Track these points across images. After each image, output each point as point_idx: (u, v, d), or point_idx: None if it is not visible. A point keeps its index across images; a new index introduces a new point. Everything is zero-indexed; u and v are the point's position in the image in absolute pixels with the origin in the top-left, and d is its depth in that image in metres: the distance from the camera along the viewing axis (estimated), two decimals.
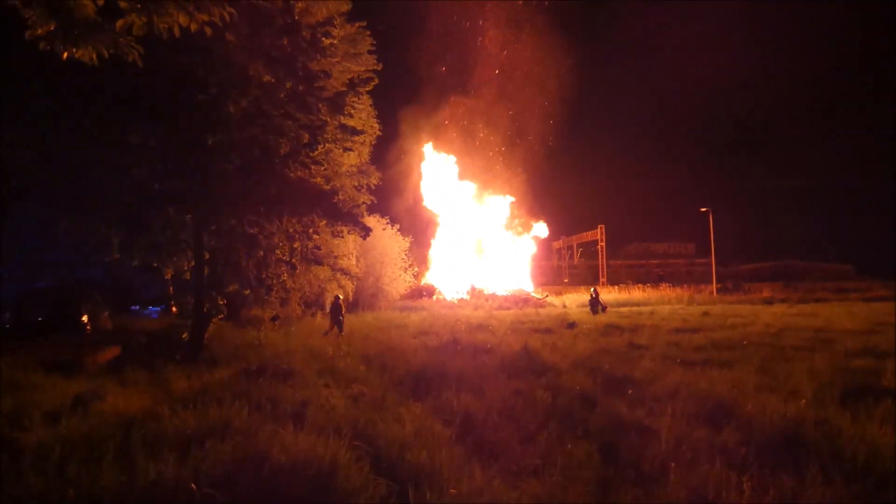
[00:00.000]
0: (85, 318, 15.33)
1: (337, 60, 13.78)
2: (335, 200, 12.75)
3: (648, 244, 69.22)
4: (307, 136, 11.86)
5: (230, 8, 4.43)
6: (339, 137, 13.32)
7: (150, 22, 4.14)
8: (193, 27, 4.30)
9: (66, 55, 4.14)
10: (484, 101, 45.89)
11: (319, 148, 12.28)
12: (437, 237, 43.17)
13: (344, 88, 13.17)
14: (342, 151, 14.58)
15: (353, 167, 17.57)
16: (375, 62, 16.33)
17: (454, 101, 45.20)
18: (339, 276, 19.38)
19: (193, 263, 11.90)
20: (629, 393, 7.19)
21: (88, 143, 11.18)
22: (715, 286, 40.12)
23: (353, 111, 14.11)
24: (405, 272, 31.16)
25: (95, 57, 4.19)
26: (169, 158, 11.65)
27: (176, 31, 4.25)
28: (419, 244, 39.31)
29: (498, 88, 46.34)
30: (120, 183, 11.49)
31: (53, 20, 3.90)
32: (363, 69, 15.62)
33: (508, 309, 27.96)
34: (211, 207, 11.57)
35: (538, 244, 46.67)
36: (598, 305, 23.16)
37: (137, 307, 25.81)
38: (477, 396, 6.91)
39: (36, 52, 4.16)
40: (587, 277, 51.73)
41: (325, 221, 12.77)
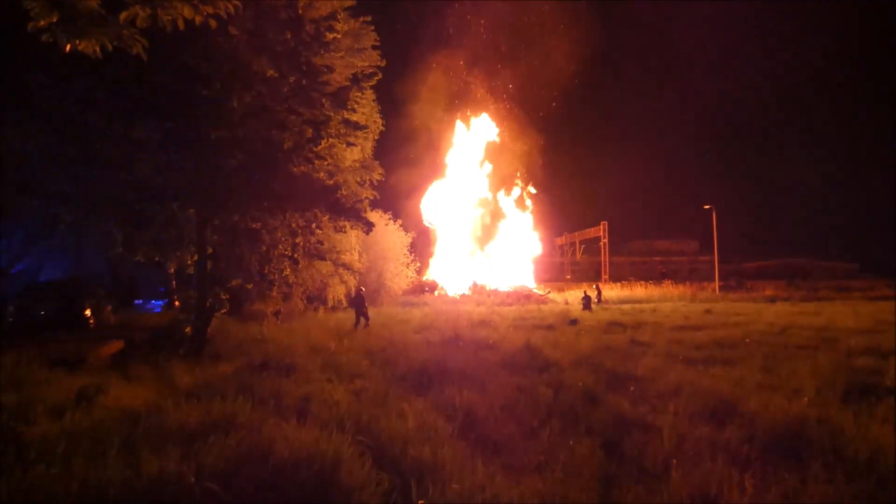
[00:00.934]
0: (88, 312, 15.33)
1: (340, 55, 13.74)
2: (338, 195, 12.73)
3: (651, 241, 68.88)
4: (310, 130, 11.83)
5: (235, 0, 4.41)
6: (342, 132, 13.29)
7: (154, 14, 4.11)
8: (198, 20, 4.28)
9: (68, 48, 4.09)
10: (487, 97, 45.76)
11: (323, 143, 12.25)
12: (438, 234, 43.17)
13: (347, 83, 13.14)
14: (345, 146, 14.53)
15: (355, 162, 17.51)
16: (379, 57, 16.27)
17: (454, 98, 45.09)
18: (341, 271, 19.38)
19: (196, 258, 11.91)
20: (631, 390, 7.20)
21: (92, 137, 11.18)
22: (718, 284, 40.06)
23: (356, 106, 14.08)
24: (407, 268, 31.20)
25: (99, 50, 4.14)
26: (172, 153, 11.64)
27: (180, 23, 4.22)
28: (421, 240, 39.36)
29: (503, 84, 46.23)
30: (123, 178, 11.48)
31: (56, 12, 3.86)
32: (367, 64, 15.56)
33: (510, 305, 27.95)
34: (214, 202, 11.56)
35: (541, 240, 46.61)
36: (590, 303, 23.58)
37: (141, 302, 25.86)
38: (479, 392, 6.91)
39: (39, 44, 4.11)
40: (590, 274, 51.69)
41: (327, 216, 12.76)
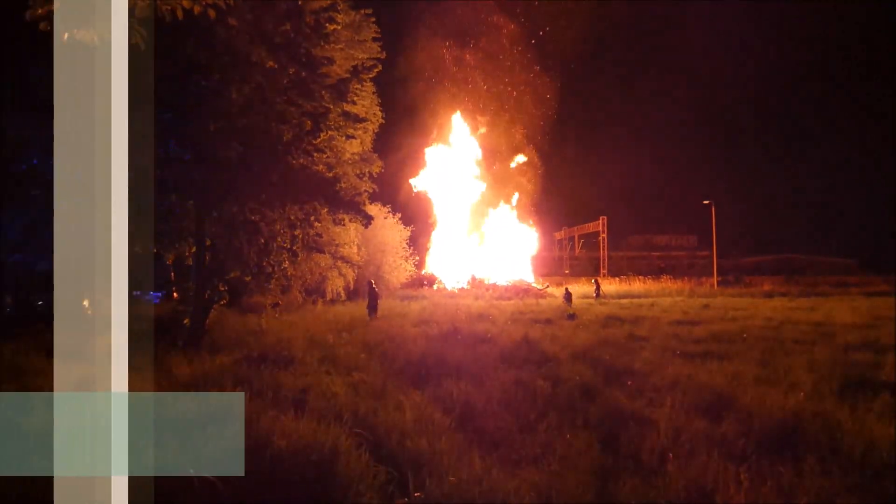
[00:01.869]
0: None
1: (340, 47, 13.69)
2: (337, 188, 12.71)
3: (650, 236, 68.88)
4: (310, 123, 11.79)
5: None
6: (341, 125, 13.24)
7: (153, 4, 4.09)
8: (197, 10, 4.24)
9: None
10: (484, 90, 45.56)
11: (322, 135, 12.21)
12: (437, 226, 43.15)
13: (347, 75, 13.08)
14: (344, 139, 14.49)
15: (355, 155, 17.46)
16: (379, 50, 16.20)
17: (451, 90, 44.88)
18: (339, 264, 19.38)
19: (195, 250, 11.90)
20: (629, 384, 7.21)
21: None
22: (716, 279, 40.13)
23: (356, 98, 14.03)
24: (406, 261, 31.19)
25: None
26: (171, 145, 11.59)
27: (179, 13, 4.19)
28: (420, 234, 39.34)
29: (500, 78, 46.02)
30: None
31: None
32: (367, 56, 15.50)
33: (509, 299, 28.00)
34: (213, 194, 11.53)
35: (540, 235, 46.64)
36: (571, 299, 23.70)
37: (139, 292, 25.80)
38: (477, 385, 6.92)
39: (37, 33, 4.09)
40: (588, 269, 51.76)
41: (326, 209, 12.73)
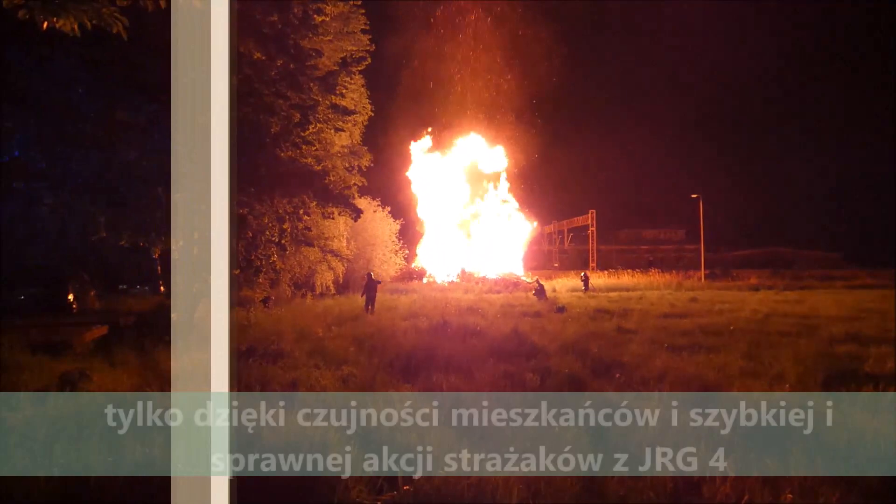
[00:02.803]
0: (71, 296, 15.14)
1: (329, 39, 13.55)
2: (326, 181, 12.65)
3: (639, 230, 69.19)
4: (298, 115, 11.71)
5: None
6: (330, 117, 13.15)
7: None
8: None
9: (45, 25, 3.99)
10: (473, 82, 45.37)
11: (311, 128, 12.13)
12: (426, 219, 43.02)
13: (336, 68, 12.99)
14: (334, 132, 14.38)
15: (344, 148, 17.29)
16: (368, 42, 16.03)
17: (441, 78, 44.57)
18: (329, 257, 19.29)
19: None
20: (617, 376, 7.26)
21: (74, 118, 10.95)
22: (703, 272, 40.49)
23: (345, 91, 13.92)
24: (396, 255, 31.12)
25: (77, 28, 4.05)
26: (157, 136, 11.44)
27: (162, 2, 4.12)
28: (410, 227, 39.23)
29: (489, 69, 45.82)
30: (108, 161, 11.28)
31: None
32: (356, 48, 15.33)
33: (499, 293, 28.05)
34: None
35: (530, 228, 46.63)
36: (543, 293, 23.33)
37: (126, 286, 25.51)
38: (466, 378, 6.94)
39: (16, 22, 3.99)
40: (577, 262, 51.90)
41: (315, 202, 12.68)
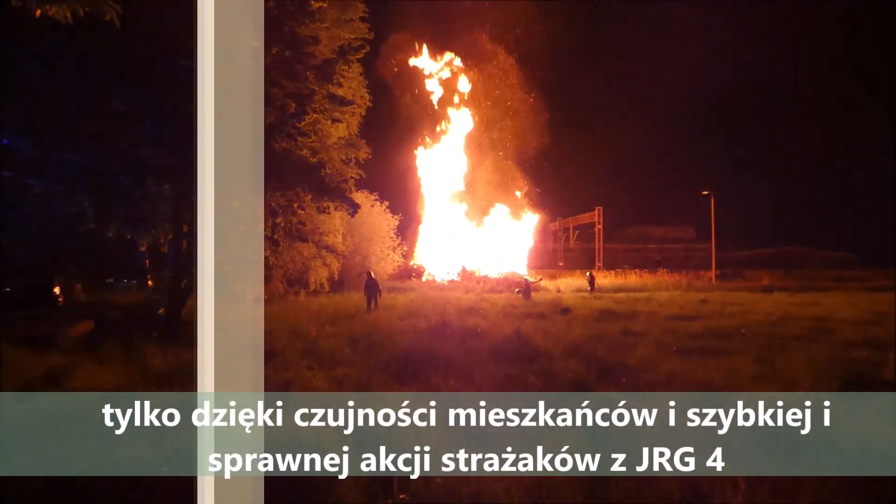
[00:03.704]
0: (57, 290, 14.84)
1: (326, 26, 13.19)
2: (322, 174, 12.33)
3: (647, 228, 68.02)
4: (293, 105, 11.42)
5: None
6: (327, 108, 12.81)
7: None
8: None
9: (38, 13, 3.84)
10: (478, 76, 44.97)
11: (306, 118, 11.84)
12: (426, 214, 42.69)
13: (333, 56, 12.64)
14: (330, 123, 14.03)
15: (341, 139, 16.90)
16: (367, 30, 15.63)
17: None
18: (324, 253, 18.92)
19: (171, 236, 11.48)
20: (623, 381, 7.02)
21: (64, 106, 10.63)
22: (714, 272, 39.92)
23: (342, 80, 13.57)
24: (394, 251, 30.76)
25: (70, 15, 3.90)
26: (150, 127, 11.12)
27: None
28: (409, 223, 38.92)
29: (493, 62, 45.40)
30: (98, 151, 10.96)
31: None
32: (354, 36, 14.93)
33: (501, 292, 27.72)
34: (191, 179, 11.07)
35: (534, 226, 46.22)
36: (529, 292, 23.07)
37: (112, 280, 25.20)
38: (466, 381, 6.75)
39: (6, 7, 3.84)
40: (583, 261, 51.38)
41: (310, 196, 12.36)
